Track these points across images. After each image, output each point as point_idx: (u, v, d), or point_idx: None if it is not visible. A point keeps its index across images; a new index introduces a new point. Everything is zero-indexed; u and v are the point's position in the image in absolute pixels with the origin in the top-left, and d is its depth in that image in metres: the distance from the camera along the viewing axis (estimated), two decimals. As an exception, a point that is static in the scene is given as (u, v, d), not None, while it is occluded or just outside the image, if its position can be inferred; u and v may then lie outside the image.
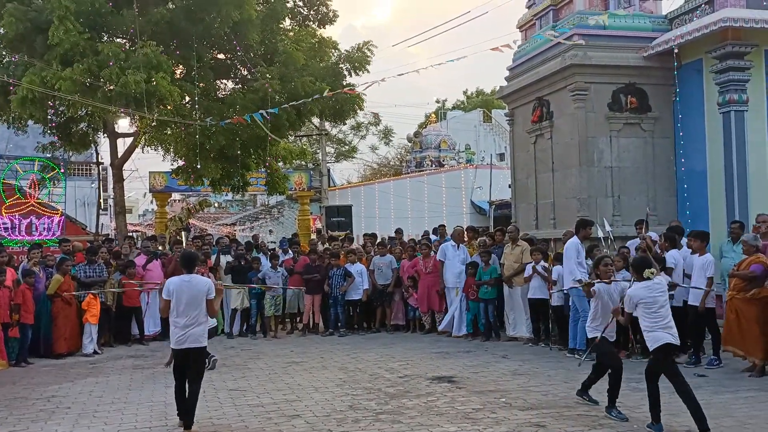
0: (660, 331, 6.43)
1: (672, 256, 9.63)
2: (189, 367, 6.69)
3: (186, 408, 6.65)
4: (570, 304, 10.28)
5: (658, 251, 9.86)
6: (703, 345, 9.46)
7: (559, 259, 10.61)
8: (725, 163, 11.95)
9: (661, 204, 12.96)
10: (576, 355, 9.83)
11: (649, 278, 6.56)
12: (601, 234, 10.64)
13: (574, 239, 10.24)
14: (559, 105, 13.34)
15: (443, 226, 15.43)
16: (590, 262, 10.18)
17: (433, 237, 15.20)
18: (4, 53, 14.78)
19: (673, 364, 6.57)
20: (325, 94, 14.87)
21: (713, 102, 12.15)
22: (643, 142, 13.04)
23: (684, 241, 9.98)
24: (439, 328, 12.54)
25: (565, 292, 10.14)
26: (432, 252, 12.97)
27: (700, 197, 12.42)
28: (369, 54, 16.92)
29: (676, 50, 12.30)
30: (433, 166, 36.72)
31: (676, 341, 6.50)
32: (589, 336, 7.40)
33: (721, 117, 12.01)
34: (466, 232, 13.67)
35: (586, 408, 7.10)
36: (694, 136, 12.59)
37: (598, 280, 7.41)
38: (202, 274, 8.27)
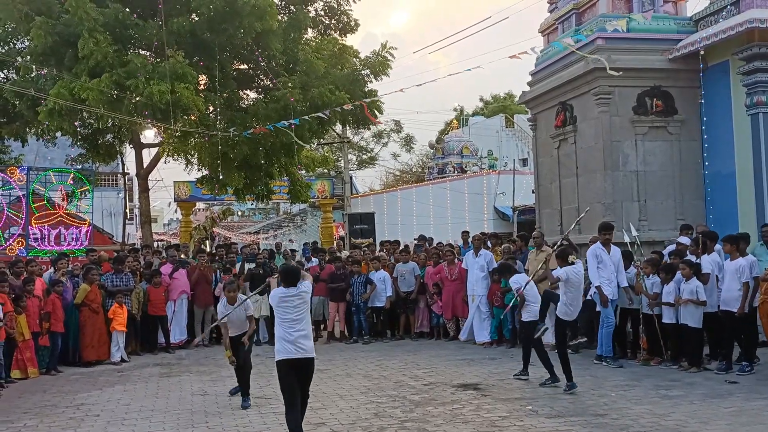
0: (564, 307, 8.30)
1: (708, 262, 9.47)
2: (299, 385, 6.29)
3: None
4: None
5: (693, 257, 9.70)
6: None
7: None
8: (754, 166, 11.75)
9: (689, 208, 12.77)
10: (604, 363, 9.72)
11: (573, 263, 8.30)
12: (627, 239, 10.52)
13: (594, 245, 10.09)
14: (582, 109, 13.23)
15: (467, 232, 15.38)
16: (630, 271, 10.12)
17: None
18: (33, 67, 15.02)
19: (563, 334, 8.55)
20: (345, 105, 14.90)
21: (741, 104, 11.97)
22: (670, 145, 12.88)
23: (718, 246, 9.81)
24: (461, 338, 12.45)
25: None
26: (456, 259, 12.93)
27: (729, 201, 12.21)
28: (389, 58, 16.92)
29: (701, 52, 12.14)
30: (456, 172, 36.58)
31: (569, 318, 8.40)
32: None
33: (749, 119, 11.83)
34: (488, 239, 13.61)
35: (614, 416, 7.01)
36: (722, 139, 12.40)
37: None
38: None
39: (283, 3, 17.21)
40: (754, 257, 9.24)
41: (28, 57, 15.26)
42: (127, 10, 14.84)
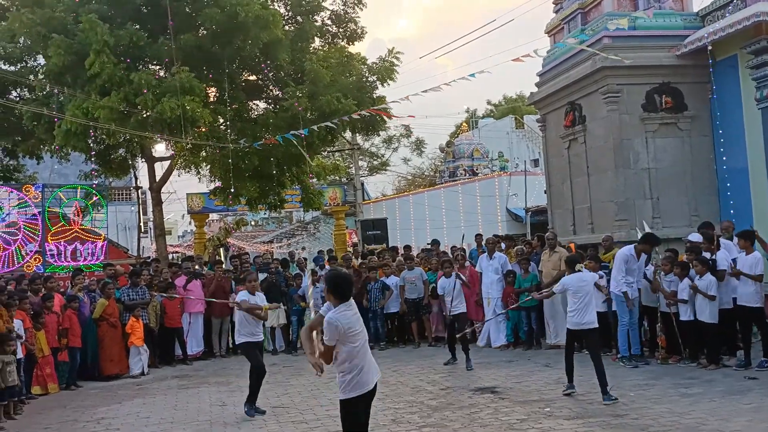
0: (575, 316, 7.90)
1: (722, 258, 9.39)
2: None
3: None
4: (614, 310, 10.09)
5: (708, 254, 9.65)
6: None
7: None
8: (767, 160, 11.68)
9: (703, 204, 12.70)
10: (621, 363, 9.67)
11: (580, 271, 8.07)
12: (640, 236, 10.47)
13: (627, 249, 9.95)
14: (591, 108, 13.20)
15: (480, 235, 15.36)
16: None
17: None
18: (46, 86, 15.16)
19: (588, 341, 8.20)
20: (353, 113, 14.93)
21: (751, 98, 11.89)
22: (681, 141, 12.82)
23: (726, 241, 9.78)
24: (479, 343, 12.44)
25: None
26: (468, 262, 12.92)
27: (743, 195, 12.12)
28: (396, 62, 16.94)
29: (709, 47, 12.09)
30: (467, 175, 36.56)
31: (586, 326, 7.90)
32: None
33: (760, 113, 11.75)
34: (503, 241, 13.60)
35: (634, 416, 6.98)
36: (733, 134, 12.33)
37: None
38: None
39: (290, 14, 17.30)
40: (759, 255, 9.24)
41: (42, 76, 15.42)
42: (137, 27, 14.98)
